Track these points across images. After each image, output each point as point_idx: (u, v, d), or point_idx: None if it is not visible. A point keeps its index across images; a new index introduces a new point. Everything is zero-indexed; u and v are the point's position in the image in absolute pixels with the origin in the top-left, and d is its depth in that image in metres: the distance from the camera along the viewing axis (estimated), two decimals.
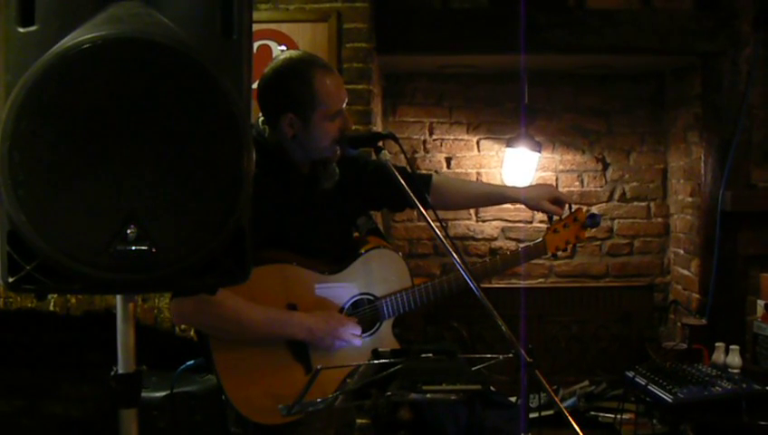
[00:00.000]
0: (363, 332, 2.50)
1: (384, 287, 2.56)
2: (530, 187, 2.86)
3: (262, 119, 2.47)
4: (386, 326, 2.57)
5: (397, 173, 2.30)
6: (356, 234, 2.69)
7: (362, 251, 2.56)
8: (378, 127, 4.36)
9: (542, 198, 2.71)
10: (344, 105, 2.44)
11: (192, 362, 2.55)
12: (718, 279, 4.20)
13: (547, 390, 2.00)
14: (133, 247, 1.35)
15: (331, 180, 2.50)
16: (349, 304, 2.51)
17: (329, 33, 3.82)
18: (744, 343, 3.94)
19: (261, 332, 2.35)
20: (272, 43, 3.83)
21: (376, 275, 2.56)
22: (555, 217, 2.72)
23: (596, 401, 4.26)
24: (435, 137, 5.04)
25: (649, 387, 3.27)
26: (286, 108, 2.37)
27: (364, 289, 2.54)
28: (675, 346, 4.14)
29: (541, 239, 2.72)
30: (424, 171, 4.80)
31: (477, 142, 5.04)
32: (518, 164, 4.67)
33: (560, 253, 2.75)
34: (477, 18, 4.25)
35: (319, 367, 2.08)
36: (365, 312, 2.53)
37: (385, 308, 2.54)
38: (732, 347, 3.65)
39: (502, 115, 5.00)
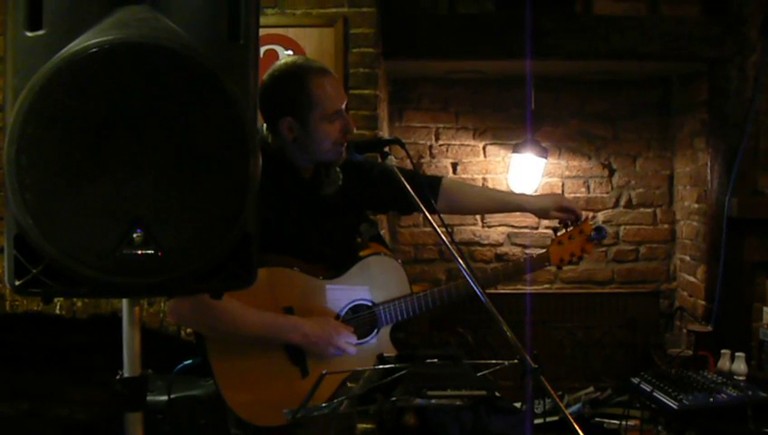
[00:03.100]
0: (360, 337, 2.49)
1: (382, 294, 2.56)
2: (539, 196, 2.84)
3: (265, 125, 2.48)
4: (384, 333, 2.57)
5: (403, 178, 2.29)
6: (358, 239, 2.69)
7: (361, 257, 2.56)
8: (384, 132, 4.36)
9: (551, 209, 2.69)
10: (343, 106, 2.44)
11: (190, 361, 2.55)
12: (724, 286, 4.18)
13: (552, 396, 2.00)
14: (139, 251, 1.35)
15: (334, 185, 2.51)
16: (346, 309, 2.51)
17: (335, 38, 3.82)
18: (750, 349, 3.93)
19: (257, 335, 2.35)
20: (278, 48, 3.83)
21: (374, 281, 2.55)
22: (560, 230, 2.70)
23: (601, 408, 4.26)
24: (441, 142, 5.05)
25: (655, 393, 3.26)
26: (284, 112, 2.38)
27: (362, 295, 2.54)
28: (680, 353, 4.13)
29: (545, 251, 2.70)
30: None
31: (483, 148, 5.04)
32: (524, 170, 4.67)
33: (565, 266, 2.72)
34: (484, 24, 4.25)
35: (324, 372, 2.07)
36: (362, 318, 2.53)
37: (382, 315, 2.54)
38: (737, 354, 3.63)
39: (508, 121, 5.00)
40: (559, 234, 2.67)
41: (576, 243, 2.66)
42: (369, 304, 2.54)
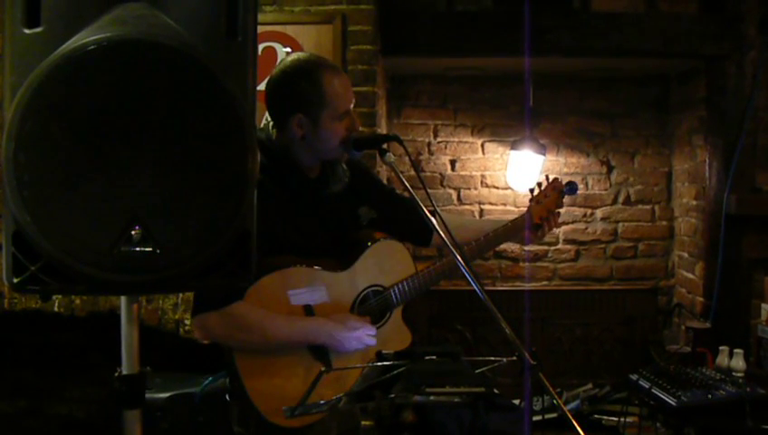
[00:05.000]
0: (375, 322, 2.52)
1: (391, 277, 2.58)
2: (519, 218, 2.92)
3: (271, 123, 2.47)
4: (396, 314, 2.60)
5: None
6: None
7: (367, 245, 2.57)
8: (382, 129, 4.36)
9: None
10: (352, 106, 2.45)
11: (217, 376, 2.55)
12: (722, 282, 4.19)
13: (551, 393, 2.00)
14: (137, 249, 1.35)
15: (341, 183, 2.51)
16: (360, 298, 2.53)
17: (333, 36, 3.82)
18: (749, 346, 3.93)
19: (285, 340, 2.36)
20: (277, 45, 3.83)
21: (382, 266, 2.57)
22: (536, 191, 2.81)
23: (599, 405, 4.26)
24: (439, 139, 5.05)
25: (653, 390, 3.27)
26: (295, 108, 2.37)
27: (373, 281, 2.56)
28: (679, 349, 4.13)
29: (526, 210, 2.79)
30: (429, 174, 4.83)
31: (482, 145, 5.03)
32: (522, 167, 4.67)
33: (547, 229, 2.81)
34: (482, 21, 4.25)
35: (322, 369, 2.08)
36: (376, 303, 2.55)
37: (394, 297, 2.57)
38: (736, 351, 3.64)
39: (506, 118, 5.00)
40: (536, 194, 2.82)
41: (552, 199, 2.84)
42: (380, 289, 2.56)
